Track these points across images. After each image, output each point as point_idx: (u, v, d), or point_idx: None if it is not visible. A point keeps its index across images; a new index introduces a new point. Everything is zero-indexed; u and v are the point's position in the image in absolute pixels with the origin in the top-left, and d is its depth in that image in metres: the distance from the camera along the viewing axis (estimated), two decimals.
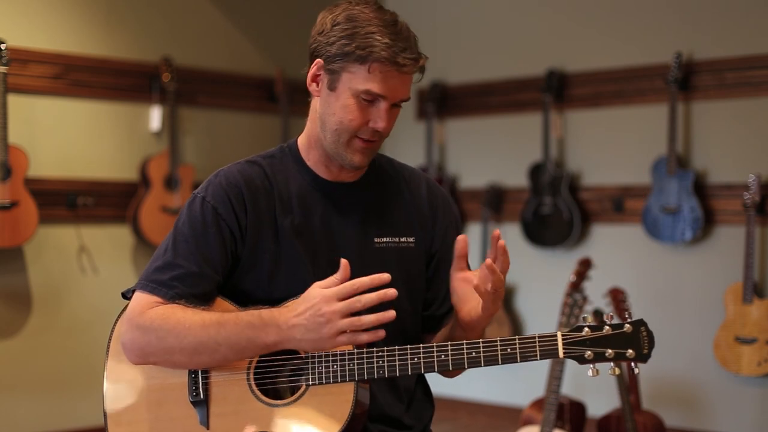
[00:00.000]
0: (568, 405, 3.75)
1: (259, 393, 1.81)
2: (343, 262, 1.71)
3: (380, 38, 1.76)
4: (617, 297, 3.76)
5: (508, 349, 1.74)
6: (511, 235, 5.08)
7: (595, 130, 4.83)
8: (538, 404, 3.77)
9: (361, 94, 1.79)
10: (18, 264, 4.33)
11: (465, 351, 1.75)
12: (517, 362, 1.74)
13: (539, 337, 1.74)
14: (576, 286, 3.69)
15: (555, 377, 3.59)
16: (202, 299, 1.81)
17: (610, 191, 4.75)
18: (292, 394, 1.82)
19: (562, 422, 3.71)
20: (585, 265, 3.75)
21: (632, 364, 1.75)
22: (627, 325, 1.73)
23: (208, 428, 1.80)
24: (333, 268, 1.86)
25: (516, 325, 5.02)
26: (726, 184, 4.34)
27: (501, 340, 1.75)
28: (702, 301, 4.39)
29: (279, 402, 1.80)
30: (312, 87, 1.88)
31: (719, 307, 4.21)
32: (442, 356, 1.76)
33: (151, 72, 4.79)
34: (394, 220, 1.94)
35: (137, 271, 4.73)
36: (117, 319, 1.88)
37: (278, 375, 1.83)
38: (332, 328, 1.68)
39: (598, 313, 3.67)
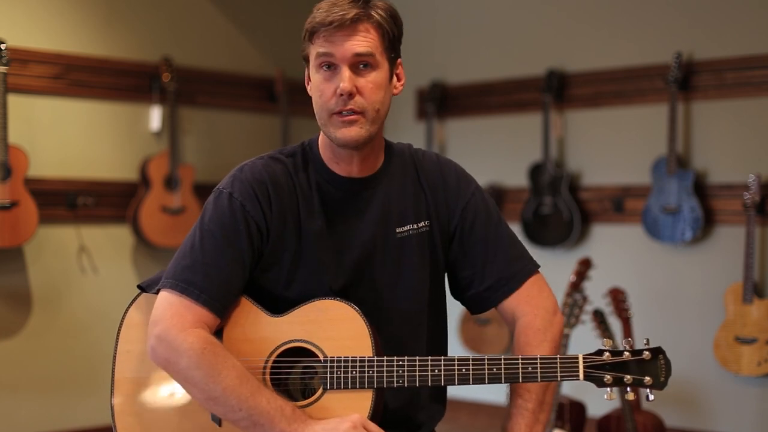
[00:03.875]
0: (568, 405, 3.75)
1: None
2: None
3: (319, 12, 1.81)
4: (617, 297, 3.77)
5: (530, 368, 1.76)
6: None
7: (595, 130, 4.83)
8: None
9: (317, 65, 1.82)
10: (18, 264, 4.33)
11: (486, 366, 1.76)
12: (537, 381, 1.77)
13: (561, 358, 1.76)
14: (576, 286, 3.69)
15: None
16: (228, 302, 1.80)
17: (610, 191, 4.75)
18: (304, 395, 1.81)
19: (562, 422, 3.71)
20: (585, 265, 3.75)
21: (648, 391, 1.77)
22: (646, 352, 1.76)
23: (219, 425, 1.79)
24: (355, 267, 1.87)
25: None
26: (726, 184, 4.34)
27: (523, 359, 1.76)
28: (702, 301, 4.39)
29: (294, 404, 1.79)
30: (308, 89, 1.90)
31: (719, 307, 4.21)
32: (463, 370, 1.77)
33: (151, 72, 4.79)
34: (412, 207, 1.94)
35: (137, 271, 4.73)
36: (129, 306, 1.87)
37: (294, 376, 1.83)
38: None
39: (598, 313, 3.67)
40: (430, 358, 1.78)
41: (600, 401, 4.28)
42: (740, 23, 4.36)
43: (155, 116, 4.80)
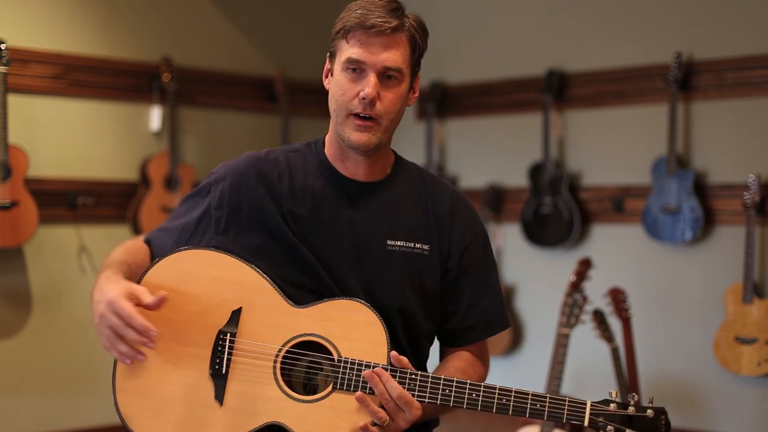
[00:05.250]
0: None
1: (282, 382, 1.80)
2: (161, 294, 1.77)
3: (358, 11, 1.82)
4: (617, 297, 3.77)
5: (538, 405, 1.79)
6: (511, 235, 5.08)
7: (595, 130, 4.83)
8: None
9: (345, 65, 1.83)
10: (18, 264, 4.33)
11: (496, 396, 1.80)
12: (543, 419, 1.81)
13: (569, 401, 1.79)
14: (576, 286, 3.69)
15: (555, 377, 3.59)
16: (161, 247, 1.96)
17: (610, 191, 4.75)
18: (305, 390, 1.82)
19: (562, 422, 3.71)
20: (585, 265, 3.75)
21: None
22: (649, 410, 1.80)
23: (221, 404, 1.80)
24: (339, 266, 1.88)
25: (516, 326, 5.02)
26: (726, 184, 4.34)
27: (533, 395, 1.79)
28: (702, 301, 4.39)
29: (301, 397, 1.80)
30: (325, 83, 1.92)
31: (719, 307, 4.21)
32: (474, 395, 1.80)
33: (151, 72, 4.79)
34: (411, 225, 1.93)
35: None
36: (148, 269, 1.89)
37: (302, 370, 1.83)
38: (99, 324, 1.79)
39: (598, 313, 3.67)
40: (443, 378, 1.79)
41: None
42: (740, 23, 4.36)
43: (155, 116, 4.80)
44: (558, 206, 4.81)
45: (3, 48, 4.03)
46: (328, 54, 1.90)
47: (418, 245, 1.93)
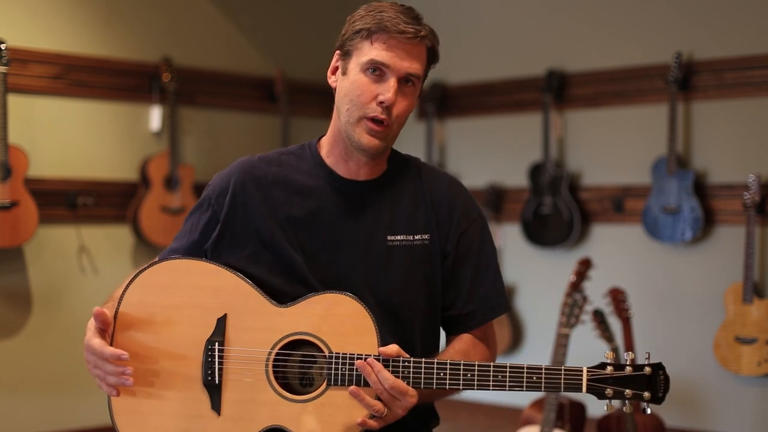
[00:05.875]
0: (568, 405, 3.75)
1: (276, 385, 1.80)
2: (96, 310, 1.82)
3: (382, 14, 1.82)
4: (617, 297, 3.77)
5: (534, 378, 1.77)
6: (511, 235, 5.08)
7: (595, 130, 4.83)
8: (538, 404, 3.77)
9: (366, 66, 1.83)
10: (18, 264, 4.33)
11: (492, 373, 1.77)
12: (541, 391, 1.79)
13: (565, 369, 1.77)
14: (576, 286, 3.69)
15: None
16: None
17: (610, 191, 4.75)
18: (301, 389, 1.81)
19: (562, 422, 3.71)
20: (585, 265, 3.75)
21: (645, 404, 1.81)
22: (647, 368, 1.79)
23: (219, 414, 1.80)
24: (339, 266, 1.88)
25: (516, 326, 5.02)
26: (726, 184, 4.34)
27: (528, 368, 1.77)
28: (702, 301, 4.39)
29: (296, 398, 1.79)
30: (331, 80, 1.92)
31: (719, 307, 4.21)
32: (468, 375, 1.77)
33: (151, 72, 4.79)
34: (410, 217, 1.93)
35: None
36: (128, 285, 1.88)
37: (296, 368, 1.82)
38: (89, 371, 1.86)
39: (598, 313, 3.67)
40: (436, 360, 1.77)
41: (600, 401, 4.27)
42: (740, 23, 4.36)
43: (155, 116, 4.80)
44: (558, 206, 4.81)
45: (3, 48, 4.03)
46: (338, 51, 1.89)
47: (417, 236, 1.92)
